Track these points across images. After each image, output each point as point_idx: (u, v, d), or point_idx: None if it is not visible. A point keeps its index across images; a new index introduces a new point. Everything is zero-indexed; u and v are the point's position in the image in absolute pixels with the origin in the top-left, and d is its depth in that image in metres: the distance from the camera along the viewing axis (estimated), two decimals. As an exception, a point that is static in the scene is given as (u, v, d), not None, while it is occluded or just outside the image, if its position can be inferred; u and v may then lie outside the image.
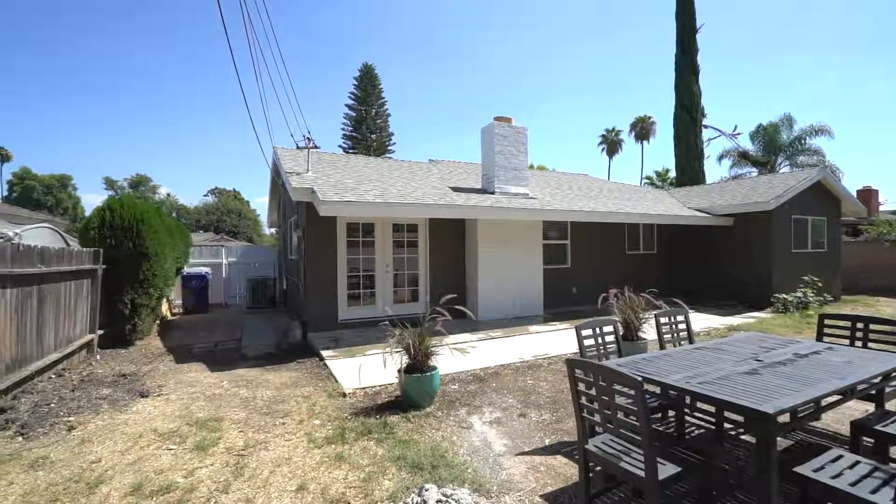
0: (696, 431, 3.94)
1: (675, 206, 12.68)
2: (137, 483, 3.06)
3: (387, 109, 40.73)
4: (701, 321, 9.03)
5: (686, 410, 3.23)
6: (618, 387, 2.35)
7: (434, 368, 4.61)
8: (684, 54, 20.61)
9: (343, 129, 39.90)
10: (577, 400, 2.62)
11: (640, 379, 2.19)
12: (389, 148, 40.42)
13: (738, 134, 26.14)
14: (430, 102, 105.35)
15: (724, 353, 3.47)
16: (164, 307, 10.82)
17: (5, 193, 51.27)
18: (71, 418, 4.19)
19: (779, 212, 11.11)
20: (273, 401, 4.79)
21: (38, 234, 6.88)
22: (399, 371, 4.54)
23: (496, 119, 10.06)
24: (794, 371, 2.91)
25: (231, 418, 4.27)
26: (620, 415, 2.40)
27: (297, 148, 9.63)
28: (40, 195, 50.55)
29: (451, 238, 9.60)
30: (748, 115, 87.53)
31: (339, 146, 39.36)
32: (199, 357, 6.91)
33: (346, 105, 39.81)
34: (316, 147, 8.82)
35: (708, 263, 12.50)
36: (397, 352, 4.51)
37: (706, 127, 22.56)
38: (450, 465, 3.27)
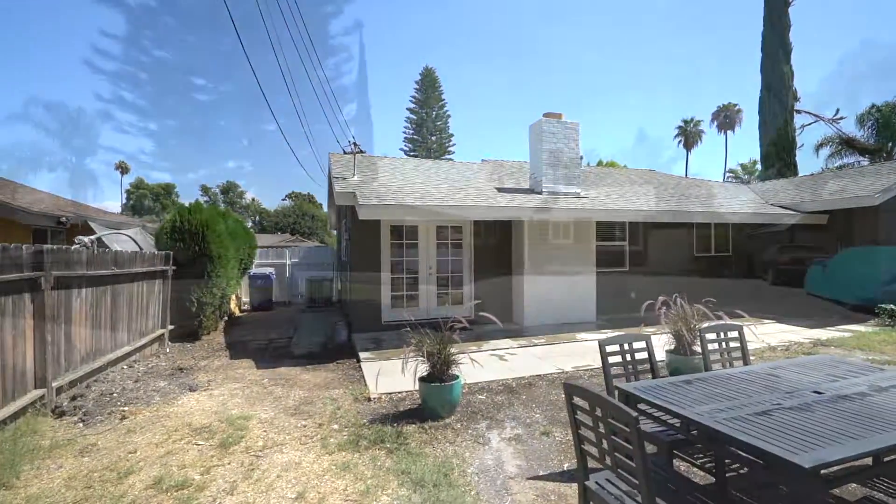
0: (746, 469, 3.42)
1: (754, 203, 11.31)
2: (160, 476, 3.27)
3: (447, 111, 41.17)
4: (781, 334, 7.92)
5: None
6: (614, 420, 2.05)
7: (455, 378, 4.47)
8: (773, 30, 18.33)
9: (404, 133, 41.01)
10: (577, 430, 2.34)
11: (635, 415, 1.88)
12: (449, 149, 40.78)
13: (841, 119, 22.73)
14: (495, 101, 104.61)
15: (777, 379, 2.94)
16: (233, 304, 11.74)
17: (124, 201, 59.32)
18: (125, 408, 4.63)
19: (887, 207, 9.45)
20: (303, 401, 4.94)
21: (118, 239, 7.76)
22: (417, 379, 4.45)
23: (545, 115, 9.63)
24: (861, 409, 2.37)
25: (259, 417, 4.46)
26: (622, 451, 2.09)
27: (344, 153, 9.95)
28: (150, 202, 57.82)
29: (497, 239, 9.35)
30: (854, 98, 75.51)
31: (401, 149, 40.47)
32: (252, 353, 7.37)
33: (408, 108, 40.85)
34: (361, 152, 9.06)
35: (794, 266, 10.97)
36: (413, 360, 4.43)
37: (799, 112, 19.89)
38: (452, 485, 3.11)
